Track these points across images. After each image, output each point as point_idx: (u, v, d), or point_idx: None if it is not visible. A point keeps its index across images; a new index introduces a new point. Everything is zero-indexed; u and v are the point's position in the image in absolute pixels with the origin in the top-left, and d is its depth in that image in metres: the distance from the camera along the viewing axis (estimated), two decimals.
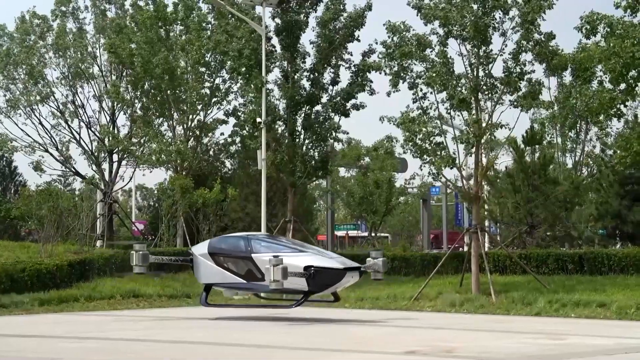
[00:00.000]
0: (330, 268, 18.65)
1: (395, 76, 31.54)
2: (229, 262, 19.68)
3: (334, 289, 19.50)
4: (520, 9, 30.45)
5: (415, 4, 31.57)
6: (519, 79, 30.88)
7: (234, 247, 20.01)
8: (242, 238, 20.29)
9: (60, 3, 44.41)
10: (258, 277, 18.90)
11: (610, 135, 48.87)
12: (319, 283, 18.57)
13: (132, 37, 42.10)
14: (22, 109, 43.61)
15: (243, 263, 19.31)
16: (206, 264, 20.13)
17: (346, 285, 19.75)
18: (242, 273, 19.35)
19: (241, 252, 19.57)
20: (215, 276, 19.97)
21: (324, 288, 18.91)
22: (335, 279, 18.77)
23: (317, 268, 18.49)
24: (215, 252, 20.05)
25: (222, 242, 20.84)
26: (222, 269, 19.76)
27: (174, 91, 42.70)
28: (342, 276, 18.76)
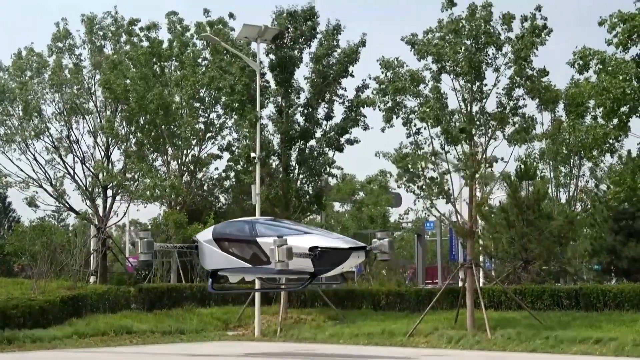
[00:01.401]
0: (336, 248, 18.38)
1: (388, 112, 31.67)
2: (234, 246, 19.48)
3: (340, 269, 19.09)
4: (513, 45, 30.68)
5: (409, 40, 31.78)
6: (512, 114, 31.04)
7: (238, 231, 19.83)
8: (246, 222, 20.14)
9: (57, 39, 44.63)
10: (264, 261, 18.64)
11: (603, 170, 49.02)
12: (324, 264, 18.25)
13: (127, 73, 42.26)
14: (17, 144, 43.62)
15: (248, 247, 19.10)
16: (211, 249, 19.95)
17: (352, 265, 19.53)
18: (248, 257, 19.15)
19: (246, 236, 19.33)
20: (221, 261, 19.75)
21: (330, 269, 18.53)
22: (340, 258, 18.44)
23: (323, 248, 18.21)
24: (220, 237, 19.93)
25: (227, 227, 20.67)
26: (227, 254, 19.53)
27: (169, 126, 42.78)
28: (348, 256, 18.42)
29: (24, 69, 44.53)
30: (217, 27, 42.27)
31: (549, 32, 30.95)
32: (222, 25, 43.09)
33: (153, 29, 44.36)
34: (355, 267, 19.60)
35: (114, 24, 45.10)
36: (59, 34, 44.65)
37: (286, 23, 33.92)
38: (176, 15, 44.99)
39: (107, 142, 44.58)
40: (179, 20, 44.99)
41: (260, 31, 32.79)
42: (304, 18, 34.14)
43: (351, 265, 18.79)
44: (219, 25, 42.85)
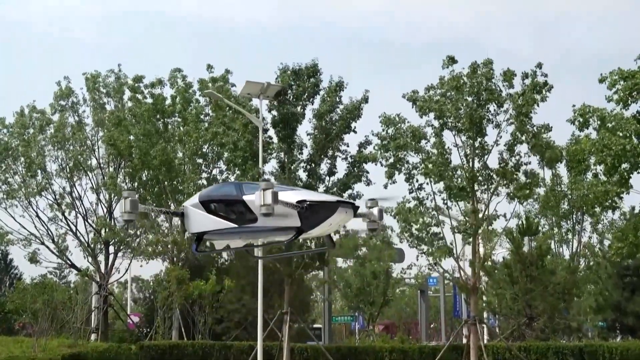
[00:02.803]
0: (323, 201, 18.01)
1: (390, 168, 31.77)
2: (220, 207, 19.15)
3: (327, 225, 18.44)
4: (514, 102, 30.90)
5: (411, 97, 32.03)
6: (514, 170, 31.12)
7: (225, 193, 19.52)
8: (233, 184, 19.92)
9: (60, 97, 44.98)
10: (250, 219, 18.35)
11: (604, 223, 48.91)
12: (311, 218, 17.77)
13: (131, 129, 42.49)
14: (20, 201, 43.70)
15: (234, 206, 18.76)
16: (197, 212, 19.50)
17: (340, 224, 18.95)
18: (234, 217, 18.82)
19: (232, 196, 19.04)
20: (207, 224, 19.29)
21: (317, 223, 17.97)
22: (328, 212, 17.88)
23: (310, 202, 17.82)
24: (206, 200, 19.64)
25: (214, 190, 20.36)
26: (213, 216, 19.17)
27: (172, 182, 42.86)
28: (335, 209, 17.96)
29: (27, 126, 44.81)
30: (219, 83, 42.61)
31: (550, 89, 31.20)
32: (224, 82, 43.46)
33: (158, 86, 44.71)
34: (342, 227, 18.88)
35: (116, 81, 45.49)
36: (61, 92, 45.01)
37: (290, 80, 34.18)
38: (180, 72, 45.39)
39: (109, 198, 44.64)
40: (182, 77, 45.37)
41: (262, 88, 33.03)
42: (307, 75, 34.43)
43: (339, 222, 18.23)
44: (221, 82, 43.21)
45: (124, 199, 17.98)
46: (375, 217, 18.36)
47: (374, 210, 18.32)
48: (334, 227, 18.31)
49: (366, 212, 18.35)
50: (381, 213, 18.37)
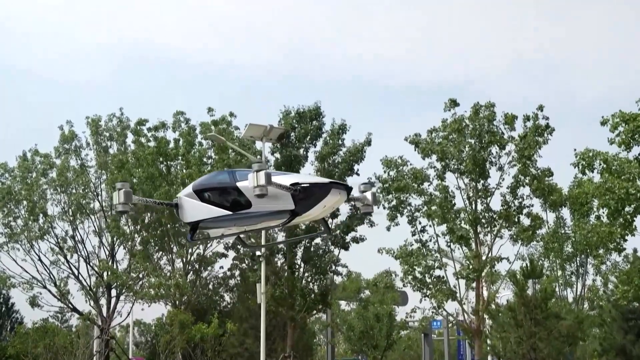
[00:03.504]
0: (316, 183, 17.91)
1: (393, 210, 31.75)
2: (214, 195, 19.03)
3: (322, 208, 18.25)
4: (517, 145, 31.00)
5: (413, 140, 32.14)
6: (517, 212, 31.10)
7: (219, 180, 19.43)
8: (227, 171, 19.76)
9: (64, 141, 45.12)
10: (244, 205, 18.21)
11: (608, 266, 48.73)
12: (305, 200, 17.65)
13: (134, 172, 42.54)
14: (22, 244, 43.61)
15: (228, 193, 18.64)
16: (191, 202, 19.37)
17: (334, 206, 18.69)
18: (228, 204, 18.68)
19: (226, 183, 18.93)
20: (201, 212, 19.13)
21: (311, 205, 17.84)
22: (321, 194, 17.76)
23: (304, 184, 17.75)
24: (200, 189, 19.53)
25: (207, 179, 20.27)
26: (207, 204, 19.04)
27: (174, 225, 42.78)
28: (328, 191, 17.83)
29: (30, 170, 44.89)
30: (222, 126, 42.77)
31: (552, 132, 31.31)
32: (226, 125, 43.62)
33: (161, 129, 44.87)
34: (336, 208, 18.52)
35: (119, 125, 45.67)
36: (64, 137, 45.17)
37: (293, 123, 34.35)
38: (183, 115, 45.58)
39: (112, 241, 44.55)
40: (185, 120, 45.55)
41: (265, 130, 33.17)
42: (310, 118, 34.59)
43: (332, 204, 18.02)
44: (224, 125, 43.37)
45: (117, 190, 17.92)
46: (369, 201, 18.30)
47: (367, 195, 18.30)
48: (328, 210, 18.24)
49: (360, 197, 18.34)
50: (374, 197, 18.34)
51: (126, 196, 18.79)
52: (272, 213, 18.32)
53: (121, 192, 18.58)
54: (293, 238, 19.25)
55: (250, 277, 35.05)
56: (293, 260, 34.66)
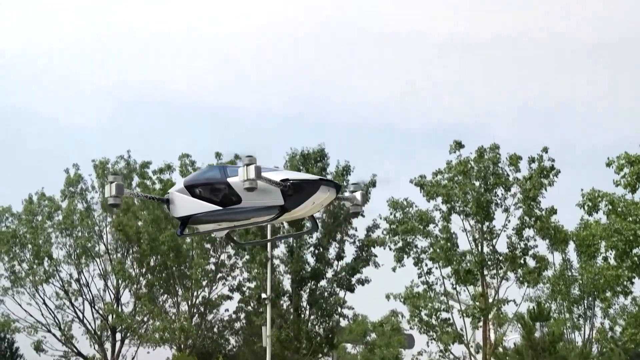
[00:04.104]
0: (306, 179, 17.86)
1: (399, 252, 31.68)
2: (205, 191, 18.93)
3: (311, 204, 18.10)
4: (522, 186, 30.99)
5: (418, 182, 32.16)
6: (523, 254, 31.00)
7: (209, 176, 19.34)
8: (218, 167, 19.67)
9: (69, 184, 45.25)
10: (234, 201, 18.11)
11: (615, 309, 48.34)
12: (295, 196, 17.58)
13: (139, 215, 42.58)
14: (27, 289, 43.60)
15: (219, 189, 18.55)
16: (182, 197, 19.28)
17: (323, 203, 18.52)
18: (218, 199, 18.60)
19: (217, 179, 18.84)
20: (191, 207, 19.04)
21: (300, 202, 17.73)
22: (310, 190, 17.77)
23: (294, 180, 17.72)
24: (191, 184, 19.45)
25: (198, 175, 20.15)
26: (198, 199, 18.94)
27: (179, 267, 42.70)
28: (317, 188, 17.78)
29: (36, 213, 45.00)
30: None
31: (557, 173, 31.32)
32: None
33: (167, 171, 44.99)
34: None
35: (126, 167, 45.82)
36: (70, 180, 45.32)
37: (298, 164, 34.47)
38: (188, 157, 45.73)
39: (117, 284, 44.45)
40: (191, 163, 45.67)
41: None
42: (315, 159, 34.71)
43: (322, 201, 17.94)
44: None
45: (109, 183, 17.89)
46: (359, 201, 18.32)
47: (357, 195, 18.33)
48: (317, 207, 18.14)
49: (349, 197, 18.39)
50: (364, 197, 18.32)
51: (118, 189, 18.78)
52: (261, 209, 18.36)
53: (113, 185, 18.57)
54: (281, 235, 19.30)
55: (255, 320, 34.87)
56: (299, 302, 34.51)
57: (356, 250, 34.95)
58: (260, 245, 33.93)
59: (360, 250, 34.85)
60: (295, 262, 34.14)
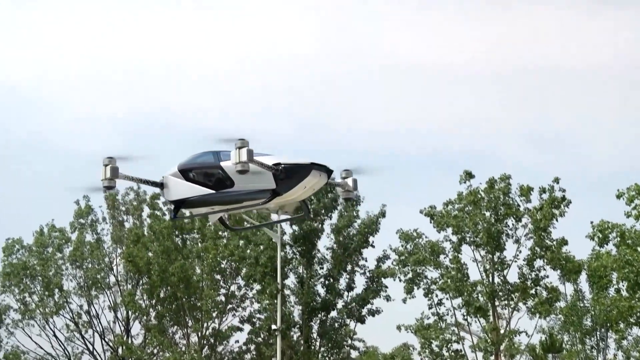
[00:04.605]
0: (297, 163, 17.91)
1: (409, 283, 31.60)
2: (199, 175, 18.98)
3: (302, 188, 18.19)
4: (532, 217, 30.93)
5: (428, 212, 32.13)
6: (534, 285, 30.88)
7: (203, 160, 19.39)
8: (212, 152, 19.69)
9: (80, 215, 45.38)
10: (227, 185, 18.16)
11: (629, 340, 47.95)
12: (286, 180, 17.65)
13: (149, 246, 42.61)
14: (37, 321, 43.64)
15: (212, 173, 18.64)
16: (176, 181, 19.38)
17: (314, 188, 18.58)
18: (212, 183, 18.64)
19: (210, 163, 18.90)
20: (185, 191, 19.15)
21: (292, 185, 17.83)
22: (302, 174, 17.83)
23: (286, 164, 17.79)
24: (185, 168, 19.47)
25: (192, 159, 20.18)
26: (192, 183, 18.99)
27: (189, 299, 42.62)
28: (309, 172, 17.86)
29: (46, 245, 45.14)
30: None
31: (568, 204, 31.26)
32: None
33: None
34: None
35: (136, 198, 45.96)
36: (80, 211, 45.47)
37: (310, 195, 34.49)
38: None
39: (127, 315, 44.41)
40: None
41: None
42: (325, 190, 34.76)
43: (313, 185, 18.05)
44: None
45: (104, 166, 17.98)
46: (350, 187, 18.53)
47: (348, 181, 18.54)
48: (308, 191, 17.94)
49: (341, 182, 18.56)
50: (355, 183, 18.49)
51: (112, 172, 18.99)
52: (253, 192, 18.57)
53: (108, 168, 18.77)
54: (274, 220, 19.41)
55: (266, 351, 34.74)
56: (309, 334, 34.39)
57: (366, 281, 34.88)
58: (270, 276, 33.88)
59: (370, 281, 34.79)
60: (306, 293, 34.08)
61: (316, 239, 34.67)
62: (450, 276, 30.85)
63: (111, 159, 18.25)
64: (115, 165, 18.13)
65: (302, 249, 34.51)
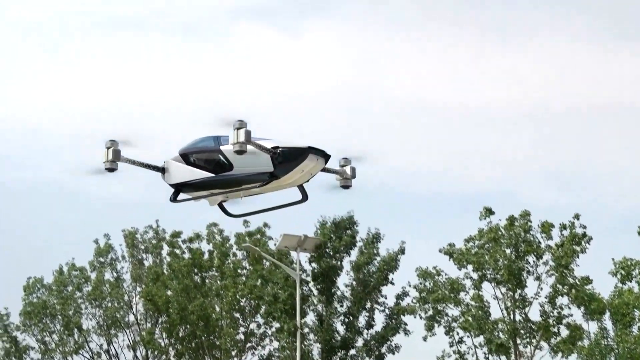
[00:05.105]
0: (295, 147, 17.95)
1: (430, 320, 31.36)
2: (199, 159, 19.07)
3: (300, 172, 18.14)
4: (554, 254, 30.69)
5: (447, 251, 31.99)
6: (557, 323, 30.54)
7: (204, 144, 19.48)
8: (212, 137, 19.76)
9: (99, 254, 45.56)
10: (226, 168, 18.25)
11: None
12: (284, 163, 17.66)
13: (169, 284, 42.63)
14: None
15: (212, 157, 18.75)
16: (176, 165, 19.48)
17: (312, 172, 18.48)
18: (211, 167, 18.73)
19: (211, 147, 18.99)
20: (185, 175, 19.26)
21: (289, 169, 17.82)
22: (299, 157, 17.85)
23: (284, 148, 17.81)
24: (186, 153, 19.55)
25: (193, 144, 20.26)
26: (192, 167, 19.07)
27: (209, 337, 42.49)
28: (306, 155, 17.83)
29: (66, 284, 45.33)
30: (256, 236, 42.91)
31: (589, 240, 31.00)
32: (260, 235, 43.76)
33: (196, 240, 45.15)
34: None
35: (155, 237, 46.09)
36: (100, 250, 45.67)
37: (330, 233, 34.56)
38: (216, 226, 45.88)
39: (146, 354, 44.29)
40: (219, 232, 45.81)
41: (300, 241, 33.27)
42: (344, 227, 34.76)
43: (310, 169, 18.02)
44: (257, 235, 43.51)
45: (106, 148, 18.13)
46: (348, 175, 18.52)
47: (346, 169, 18.52)
48: (305, 175, 17.91)
49: (339, 170, 18.54)
50: (354, 171, 18.48)
51: (114, 154, 19.14)
52: (252, 175, 18.70)
53: (110, 150, 18.93)
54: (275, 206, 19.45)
55: None
56: None
57: (386, 318, 34.69)
58: (288, 314, 33.72)
59: (389, 318, 34.59)
60: (325, 331, 33.89)
61: (335, 276, 34.58)
62: (471, 314, 30.58)
63: (113, 141, 18.54)
64: (117, 148, 18.42)
65: (321, 287, 34.40)
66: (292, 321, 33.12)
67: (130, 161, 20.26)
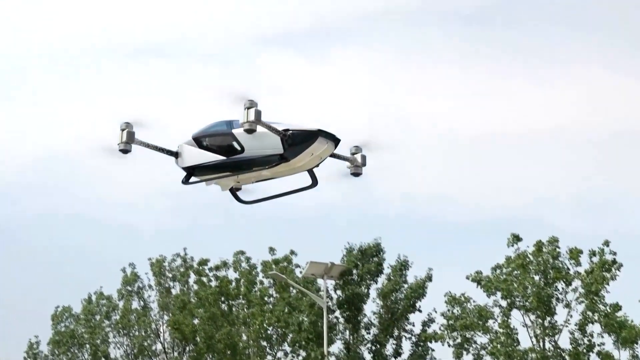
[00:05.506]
0: (305, 129, 17.97)
1: (458, 348, 31.04)
2: (211, 143, 19.19)
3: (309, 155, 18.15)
4: (583, 280, 30.31)
5: (475, 278, 31.70)
6: (588, 350, 30.10)
7: (217, 129, 19.62)
8: (225, 121, 19.84)
9: (127, 283, 45.71)
10: (238, 150, 18.31)
11: None
12: (294, 146, 17.74)
13: (196, 312, 42.61)
14: None
15: (224, 140, 18.90)
16: (189, 149, 19.72)
17: (322, 156, 18.39)
18: (223, 150, 18.84)
19: (223, 131, 19.09)
20: (197, 158, 19.54)
21: (299, 152, 17.86)
22: (308, 140, 17.96)
23: (294, 130, 17.83)
24: (199, 136, 19.69)
25: (206, 128, 20.38)
26: (204, 150, 19.18)
27: None
28: (316, 138, 17.81)
29: (94, 312, 45.47)
30: (282, 264, 42.85)
31: (619, 267, 30.58)
32: (287, 263, 43.69)
33: (223, 268, 45.15)
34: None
35: (183, 265, 46.16)
36: (127, 279, 45.83)
37: (356, 260, 34.46)
38: (243, 254, 45.85)
39: None
40: (246, 259, 45.78)
41: (326, 268, 33.23)
42: (371, 254, 34.64)
43: (320, 152, 18.00)
44: (284, 263, 43.45)
45: (121, 130, 18.28)
46: (359, 163, 18.50)
47: (357, 157, 18.48)
48: (315, 159, 18.02)
49: (350, 158, 18.55)
50: (365, 159, 18.44)
51: (129, 137, 19.37)
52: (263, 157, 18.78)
53: (124, 132, 19.13)
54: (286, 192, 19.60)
55: None
56: None
57: (412, 346, 34.41)
58: (314, 343, 33.54)
59: (416, 345, 34.31)
60: (352, 359, 33.63)
61: (362, 303, 34.41)
62: (500, 341, 30.23)
63: (128, 123, 18.78)
64: (132, 130, 18.65)
65: (347, 314, 34.23)
66: (320, 349, 32.93)
67: (144, 144, 20.59)
